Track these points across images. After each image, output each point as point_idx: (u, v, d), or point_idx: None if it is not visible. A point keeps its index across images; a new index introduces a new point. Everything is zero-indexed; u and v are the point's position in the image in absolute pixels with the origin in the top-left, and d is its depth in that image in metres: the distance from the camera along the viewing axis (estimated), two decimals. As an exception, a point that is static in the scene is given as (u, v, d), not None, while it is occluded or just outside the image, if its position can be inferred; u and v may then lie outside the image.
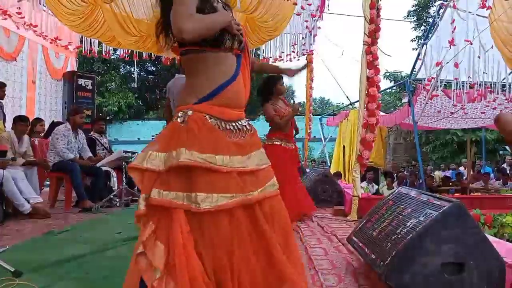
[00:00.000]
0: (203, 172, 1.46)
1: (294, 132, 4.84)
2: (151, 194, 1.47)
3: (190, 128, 1.50)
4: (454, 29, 6.54)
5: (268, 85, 4.65)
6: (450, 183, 9.10)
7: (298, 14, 7.62)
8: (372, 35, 4.82)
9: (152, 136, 21.43)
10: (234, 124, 1.60)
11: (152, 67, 23.71)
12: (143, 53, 8.92)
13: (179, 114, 1.55)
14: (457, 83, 7.38)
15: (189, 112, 1.53)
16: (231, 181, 1.50)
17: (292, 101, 33.51)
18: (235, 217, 1.48)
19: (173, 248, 1.40)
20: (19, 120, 5.34)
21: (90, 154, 5.96)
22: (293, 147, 4.67)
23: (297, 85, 45.63)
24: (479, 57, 7.01)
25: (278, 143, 4.53)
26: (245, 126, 1.65)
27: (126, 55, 9.10)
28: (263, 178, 1.60)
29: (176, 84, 4.80)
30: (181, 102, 1.60)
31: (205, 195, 1.44)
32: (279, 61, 8.76)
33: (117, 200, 5.98)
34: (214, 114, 1.55)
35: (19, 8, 7.20)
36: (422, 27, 22.19)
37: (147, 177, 1.50)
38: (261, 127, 4.86)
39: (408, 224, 2.11)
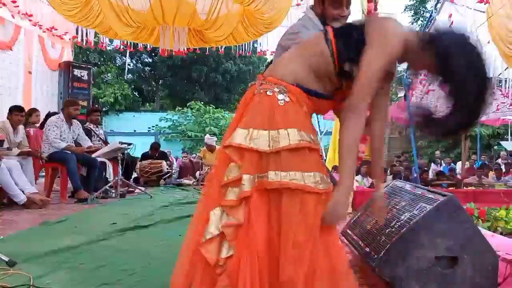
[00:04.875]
0: (312, 153, 1.46)
1: None
2: (269, 176, 1.40)
3: (291, 109, 1.47)
4: (452, 23, 6.53)
5: None
6: (444, 178, 9.14)
7: (298, 4, 7.54)
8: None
9: (149, 128, 21.38)
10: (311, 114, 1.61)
11: (149, 59, 23.61)
12: (139, 44, 8.87)
13: (276, 89, 1.48)
14: (453, 77, 7.38)
15: (286, 91, 1.48)
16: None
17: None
18: None
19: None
20: (15, 110, 5.30)
21: (90, 143, 5.95)
22: None
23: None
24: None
25: None
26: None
27: (122, 46, 9.04)
28: None
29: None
30: (276, 74, 1.53)
31: (318, 175, 1.45)
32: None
33: (113, 191, 5.98)
34: (308, 104, 1.53)
35: (14, -4, 7.12)
36: (420, 22, 22.20)
37: (248, 157, 1.43)
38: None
39: (402, 217, 2.12)
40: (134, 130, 18.76)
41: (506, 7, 6.32)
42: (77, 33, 8.93)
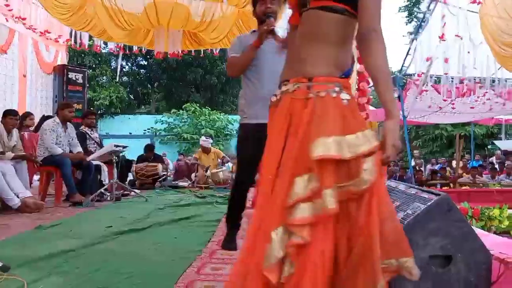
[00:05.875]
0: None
1: None
2: (356, 185, 1.27)
3: (355, 107, 1.37)
4: (444, 24, 6.58)
5: None
6: (438, 178, 9.18)
7: None
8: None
9: (144, 130, 21.26)
10: None
11: (144, 61, 23.56)
12: (134, 47, 8.85)
13: (336, 89, 1.35)
14: (446, 78, 7.44)
15: (343, 87, 1.37)
16: None
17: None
18: None
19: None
20: (9, 114, 5.29)
21: (80, 149, 5.90)
22: None
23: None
24: (468, 52, 7.07)
25: None
26: None
27: (117, 49, 9.03)
28: None
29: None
30: (322, 72, 1.38)
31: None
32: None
33: (108, 194, 5.96)
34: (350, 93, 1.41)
35: (7, 0, 7.10)
36: (413, 22, 22.30)
37: (328, 168, 1.26)
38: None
39: (396, 217, 2.13)
40: (130, 133, 18.70)
41: (498, 8, 6.37)
42: (71, 36, 8.91)
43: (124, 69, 22.38)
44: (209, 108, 19.77)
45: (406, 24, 23.06)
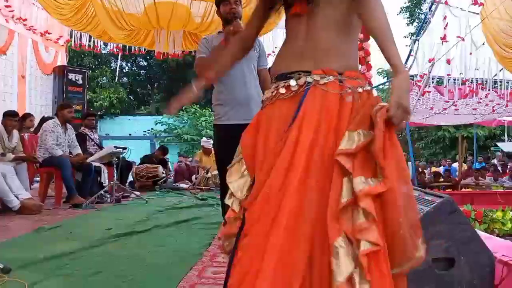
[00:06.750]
0: None
1: None
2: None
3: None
4: (446, 25, 6.58)
5: None
6: (441, 180, 9.16)
7: None
8: (365, 31, 4.82)
9: (144, 131, 21.19)
10: None
11: (144, 62, 23.57)
12: (133, 47, 8.85)
13: (368, 87, 1.29)
14: (449, 79, 7.43)
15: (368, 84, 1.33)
16: None
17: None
18: None
19: None
20: (8, 115, 5.28)
21: (79, 151, 5.89)
22: None
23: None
24: (470, 54, 7.06)
25: None
26: None
27: (116, 50, 9.02)
28: None
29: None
30: (348, 65, 1.30)
31: None
32: (272, 56, 8.74)
33: (108, 196, 5.95)
34: None
35: (7, 1, 7.09)
36: (415, 23, 22.30)
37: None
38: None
39: (399, 219, 2.11)
40: (130, 134, 18.68)
41: (500, 9, 6.36)
42: (71, 36, 8.91)
43: (124, 70, 22.41)
44: (210, 109, 19.76)
45: (408, 25, 23.06)
